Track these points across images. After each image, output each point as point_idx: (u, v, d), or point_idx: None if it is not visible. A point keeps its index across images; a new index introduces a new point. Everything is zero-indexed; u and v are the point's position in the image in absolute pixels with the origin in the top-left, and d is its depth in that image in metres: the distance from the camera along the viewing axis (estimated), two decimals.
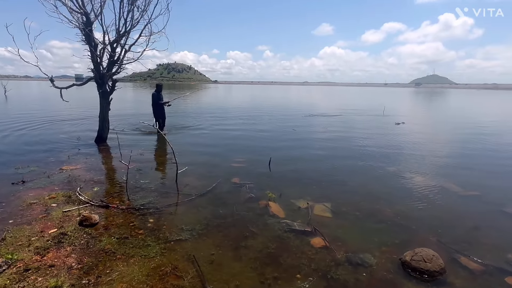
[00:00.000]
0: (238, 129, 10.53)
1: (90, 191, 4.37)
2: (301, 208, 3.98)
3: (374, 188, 4.84)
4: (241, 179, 5.06)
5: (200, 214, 3.72)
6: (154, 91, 9.32)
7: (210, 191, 4.51)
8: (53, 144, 7.42)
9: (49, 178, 4.89)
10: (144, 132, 9.31)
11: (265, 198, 4.28)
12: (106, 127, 7.79)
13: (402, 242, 3.20)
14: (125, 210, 3.72)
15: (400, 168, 5.91)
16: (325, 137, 9.21)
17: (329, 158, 6.71)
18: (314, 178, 5.26)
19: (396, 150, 7.56)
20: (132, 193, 4.30)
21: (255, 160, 6.45)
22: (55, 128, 9.79)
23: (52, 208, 3.73)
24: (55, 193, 4.23)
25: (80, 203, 3.91)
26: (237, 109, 19.21)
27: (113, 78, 7.66)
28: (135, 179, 4.91)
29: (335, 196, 4.45)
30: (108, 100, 7.60)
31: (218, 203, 4.08)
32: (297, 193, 4.54)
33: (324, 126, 11.62)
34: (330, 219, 3.75)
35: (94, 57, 7.21)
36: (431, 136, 9.85)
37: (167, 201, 4.11)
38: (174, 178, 4.92)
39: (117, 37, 7.37)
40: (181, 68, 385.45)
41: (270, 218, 3.68)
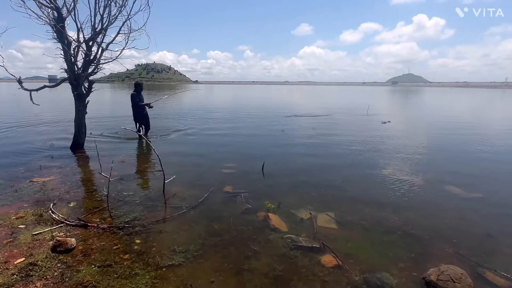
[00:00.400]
0: (223, 132, 10.11)
1: (65, 207, 3.85)
2: (304, 220, 3.65)
3: (375, 193, 4.60)
4: (234, 188, 4.68)
5: (194, 231, 3.32)
6: (133, 91, 8.45)
7: (202, 202, 4.10)
8: (22, 152, 6.74)
9: (17, 192, 4.32)
10: (125, 138, 8.70)
11: (263, 208, 3.93)
12: (83, 132, 7.17)
13: (418, 256, 2.93)
14: (107, 230, 3.26)
15: (397, 171, 5.72)
16: (316, 139, 8.97)
17: (323, 161, 6.44)
18: (311, 184, 4.96)
19: (389, 152, 7.41)
20: (115, 208, 3.83)
21: (246, 165, 6.08)
22: (24, 134, 9.00)
23: (20, 231, 3.21)
24: (24, 211, 3.70)
25: (54, 222, 3.41)
26: (220, 109, 18.75)
27: (90, 79, 7.07)
28: (117, 190, 4.43)
29: (337, 204, 4.17)
30: (84, 103, 7.00)
31: (212, 216, 3.69)
32: (296, 202, 4.21)
33: (312, 127, 11.39)
34: (336, 231, 3.44)
35: (67, 56, 6.60)
36: (420, 136, 9.83)
37: (155, 216, 3.67)
38: (161, 188, 4.48)
39: (92, 34, 6.80)
40: (160, 68, 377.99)
41: (271, 232, 3.33)
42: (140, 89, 8.57)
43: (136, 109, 8.30)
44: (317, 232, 3.33)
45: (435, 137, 9.55)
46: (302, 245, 3.04)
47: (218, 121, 12.98)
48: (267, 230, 3.39)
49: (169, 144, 7.95)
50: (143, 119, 8.45)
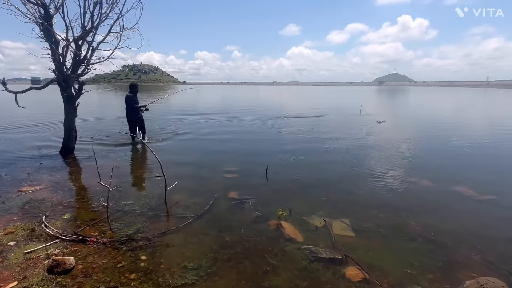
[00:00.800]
0: (219, 134, 9.83)
1: (59, 220, 3.53)
2: (319, 228, 3.45)
3: (386, 197, 4.44)
4: (240, 194, 4.44)
5: (203, 244, 3.06)
6: (129, 93, 8.01)
7: (208, 210, 3.85)
8: (7, 159, 6.32)
9: (4, 204, 3.97)
10: (116, 141, 8.33)
11: (274, 216, 3.71)
12: (73, 136, 6.79)
13: (446, 266, 2.77)
14: (108, 245, 2.97)
15: (403, 172, 5.59)
16: (315, 140, 8.80)
17: (326, 164, 6.27)
18: (318, 188, 4.76)
19: (391, 153, 7.30)
20: (114, 219, 3.54)
21: (247, 169, 5.84)
22: (9, 139, 8.51)
23: (10, 249, 2.89)
24: (13, 225, 3.36)
25: (48, 238, 3.10)
26: (212, 111, 18.43)
27: (80, 80, 6.70)
28: (115, 199, 4.12)
29: (349, 209, 3.98)
30: (74, 106, 6.62)
31: (221, 226, 3.44)
32: (306, 207, 4.01)
33: (310, 128, 11.24)
34: (354, 239, 3.25)
35: (55, 56, 6.22)
36: (418, 137, 9.79)
37: (159, 227, 3.40)
38: (162, 196, 4.21)
39: (82, 33, 6.43)
40: (147, 69, 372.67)
41: (287, 243, 3.11)
42: (136, 91, 8.15)
43: (132, 111, 7.92)
44: (335, 241, 3.13)
45: (434, 137, 9.52)
46: (323, 256, 2.83)
47: (211, 122, 12.69)
48: (282, 240, 3.16)
49: (164, 147, 7.63)
50: (139, 122, 8.06)
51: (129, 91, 8.05)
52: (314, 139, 8.88)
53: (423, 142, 8.77)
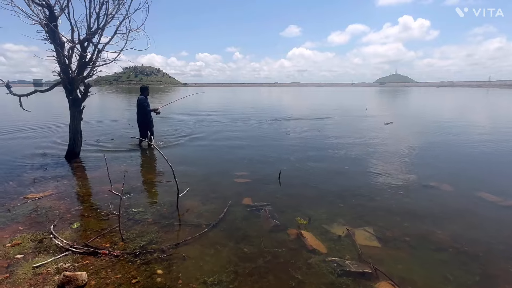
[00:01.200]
0: (225, 137, 9.64)
1: (67, 230, 3.37)
2: (342, 237, 3.27)
3: (407, 202, 4.25)
4: (254, 200, 4.27)
5: (221, 256, 2.89)
6: (141, 95, 7.72)
7: (223, 219, 3.67)
8: (12, 164, 6.16)
9: (10, 212, 3.81)
10: (122, 144, 8.18)
11: (293, 225, 3.53)
12: (79, 140, 6.63)
13: (484, 280, 2.58)
14: (120, 258, 2.80)
15: (420, 176, 5.40)
16: (325, 143, 8.61)
17: (340, 167, 6.08)
18: (335, 193, 4.58)
19: (405, 155, 7.11)
20: (125, 228, 3.37)
21: (259, 173, 5.67)
22: (14, 142, 8.37)
23: (17, 263, 2.72)
24: (20, 235, 3.20)
25: (57, 250, 2.93)
26: (215, 112, 18.25)
27: (85, 82, 6.55)
28: (125, 206, 3.95)
29: (371, 216, 3.79)
30: (80, 108, 6.47)
31: (238, 236, 3.27)
32: (325, 214, 3.83)
33: (317, 129, 11.06)
34: (380, 250, 3.07)
35: (61, 58, 6.07)
36: (430, 139, 9.58)
37: (173, 237, 3.22)
38: (174, 202, 4.05)
39: (88, 34, 6.28)
40: (149, 71, 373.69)
41: (310, 254, 2.92)
42: (147, 93, 7.93)
43: (147, 115, 7.67)
44: (362, 253, 2.94)
45: (447, 139, 9.30)
46: (351, 270, 2.65)
47: (215, 124, 12.51)
48: (305, 251, 2.98)
49: (171, 151, 7.46)
50: (150, 126, 7.76)
51: (140, 94, 7.79)
52: (323, 142, 8.69)
53: (436, 144, 8.56)
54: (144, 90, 7.86)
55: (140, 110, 7.65)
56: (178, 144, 8.27)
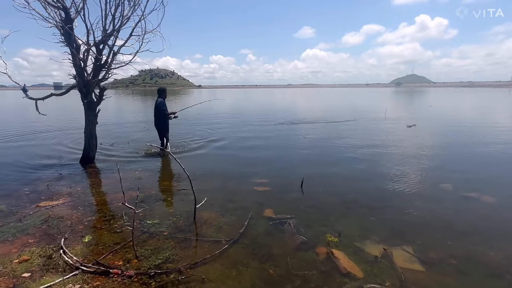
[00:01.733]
0: (241, 140, 9.35)
1: (79, 243, 3.14)
2: (378, 258, 2.90)
3: (447, 217, 3.83)
4: (276, 211, 3.95)
5: (245, 279, 2.58)
6: (160, 98, 7.30)
7: (244, 233, 3.37)
8: (27, 167, 6.08)
9: (21, 222, 3.63)
10: (136, 148, 8.02)
11: (321, 241, 3.19)
12: (94, 144, 6.50)
13: None
14: (134, 279, 2.54)
15: (457, 185, 4.95)
16: (346, 148, 8.19)
17: (365, 175, 5.68)
18: (364, 205, 4.20)
19: (435, 160, 6.63)
20: (139, 243, 3.11)
21: (278, 180, 5.35)
22: (30, 145, 8.36)
23: (24, 283, 2.50)
24: (29, 250, 2.99)
25: (66, 268, 2.69)
26: (229, 115, 18.00)
27: (101, 85, 6.42)
28: (139, 218, 3.71)
29: (408, 233, 3.41)
30: (95, 112, 6.33)
31: (262, 255, 2.95)
32: (356, 230, 3.47)
33: (337, 133, 10.64)
34: (425, 274, 2.69)
35: (76, 60, 5.95)
36: (459, 142, 9.02)
37: (190, 255, 2.94)
38: (190, 213, 3.79)
39: (103, 36, 6.14)
40: (164, 73, 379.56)
41: (345, 279, 2.58)
42: (165, 96, 7.50)
43: (164, 118, 7.28)
44: (405, 279, 2.57)
45: (473, 143, 8.73)
46: None
47: (230, 127, 12.25)
48: (338, 275, 2.64)
49: (185, 155, 7.23)
50: (166, 130, 7.41)
51: (158, 96, 7.38)
52: (343, 146, 8.27)
53: (465, 148, 8.01)
54: (161, 93, 7.43)
55: (158, 114, 7.26)
56: (193, 148, 8.03)
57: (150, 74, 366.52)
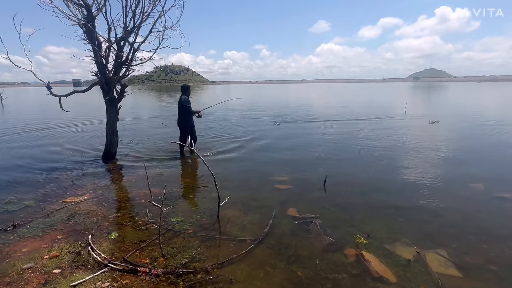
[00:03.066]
0: (257, 137, 9.29)
1: (105, 241, 3.17)
2: (411, 262, 2.78)
3: (481, 219, 3.66)
4: (300, 210, 3.87)
5: (273, 281, 2.52)
6: (183, 95, 6.95)
7: (269, 233, 3.31)
8: (52, 163, 6.23)
9: (49, 218, 3.70)
10: (157, 145, 8.09)
11: (349, 243, 3.10)
12: (115, 140, 6.58)
13: None
14: (161, 277, 2.53)
15: (488, 185, 4.72)
16: (366, 146, 7.99)
17: (390, 173, 5.51)
18: (391, 206, 4.05)
19: (462, 160, 6.38)
20: (165, 241, 3.11)
21: (300, 178, 5.27)
22: (54, 141, 8.59)
23: (55, 278, 2.53)
24: (58, 246, 3.04)
25: (95, 265, 2.71)
26: (243, 111, 17.95)
27: (122, 82, 6.47)
28: (163, 215, 3.69)
29: (441, 236, 3.26)
30: (116, 109, 6.40)
31: (289, 256, 2.89)
32: (385, 232, 3.35)
33: (357, 130, 10.41)
34: (462, 280, 2.55)
35: (98, 57, 6.01)
36: (486, 139, 8.66)
37: (216, 254, 2.91)
38: (213, 211, 3.78)
39: (124, 33, 6.18)
40: (178, 69, 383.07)
41: (377, 284, 2.48)
42: (189, 93, 7.14)
43: (188, 117, 6.90)
44: (442, 284, 2.45)
45: (502, 140, 8.34)
46: None
47: (245, 122, 12.19)
48: (369, 279, 2.54)
49: (203, 152, 7.23)
50: (192, 130, 7.04)
51: (181, 94, 7.03)
52: (364, 144, 8.06)
53: (493, 146, 7.66)
54: (185, 90, 7.08)
55: (182, 111, 6.88)
56: (213, 146, 8.03)
57: (165, 71, 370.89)
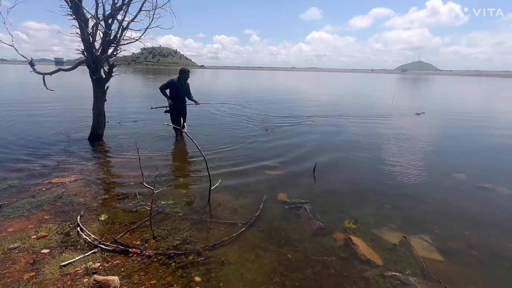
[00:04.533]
0: (244, 121, 9.26)
1: (95, 221, 3.13)
2: (397, 246, 2.88)
3: (463, 207, 3.80)
4: (290, 196, 3.92)
5: (264, 263, 2.57)
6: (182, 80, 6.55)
7: (259, 217, 3.35)
8: (36, 143, 6.04)
9: (35, 198, 3.61)
10: (144, 127, 7.96)
11: (338, 228, 3.17)
12: (102, 121, 6.42)
13: None
14: (153, 259, 2.53)
15: (471, 176, 4.89)
16: (356, 134, 8.11)
17: (378, 162, 5.61)
18: (378, 192, 4.16)
19: (446, 150, 6.57)
20: (155, 223, 3.09)
21: (290, 164, 5.31)
22: (37, 121, 8.30)
23: (44, 259, 2.49)
24: (46, 226, 2.98)
25: (84, 246, 2.69)
26: (230, 98, 17.80)
27: (110, 62, 6.27)
28: (153, 198, 3.67)
29: (426, 222, 3.38)
30: (103, 89, 6.22)
31: (279, 239, 2.93)
32: (372, 217, 3.44)
33: (346, 119, 10.52)
34: (444, 264, 2.67)
35: (85, 35, 5.77)
36: (469, 131, 8.93)
37: (208, 237, 2.93)
38: (204, 195, 3.78)
39: (112, 10, 5.94)
40: (166, 52, 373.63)
41: (365, 266, 2.57)
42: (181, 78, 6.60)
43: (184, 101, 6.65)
44: (426, 267, 2.56)
45: (484, 133, 8.63)
46: None
47: (234, 110, 12.11)
48: (357, 262, 2.62)
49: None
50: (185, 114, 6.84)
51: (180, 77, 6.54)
52: (352, 134, 8.16)
53: (476, 137, 7.93)
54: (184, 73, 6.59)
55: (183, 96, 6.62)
56: (197, 127, 7.96)
57: (152, 53, 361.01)
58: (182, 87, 6.59)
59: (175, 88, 6.48)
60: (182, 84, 6.60)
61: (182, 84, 6.60)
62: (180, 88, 6.56)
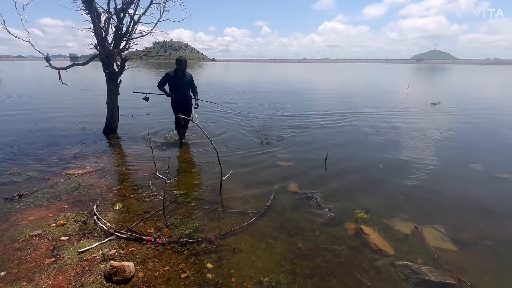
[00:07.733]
0: (254, 113, 9.26)
1: (110, 211, 3.23)
2: (409, 236, 2.86)
3: (478, 197, 3.72)
4: (301, 186, 3.93)
5: (275, 252, 2.60)
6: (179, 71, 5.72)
7: (270, 207, 3.37)
8: (54, 137, 6.23)
9: (53, 188, 3.74)
10: (157, 119, 8.07)
11: (349, 218, 3.17)
12: (116, 115, 6.55)
13: None
14: (166, 246, 2.60)
15: (487, 165, 4.78)
16: (366, 125, 8.00)
17: (391, 152, 5.53)
18: (391, 183, 4.12)
19: (462, 140, 6.41)
20: (168, 212, 3.16)
21: (302, 155, 5.31)
22: (54, 115, 8.53)
23: (63, 245, 2.60)
24: (64, 215, 3.09)
25: (101, 233, 2.78)
26: (242, 90, 17.78)
27: (122, 55, 6.36)
28: (166, 187, 3.75)
29: (438, 212, 3.34)
30: (117, 83, 6.33)
31: (290, 229, 2.96)
32: (384, 207, 3.42)
33: (357, 109, 10.37)
34: (458, 254, 2.64)
35: (97, 29, 5.86)
36: (486, 122, 8.66)
37: (219, 226, 2.98)
38: (215, 185, 3.84)
39: (124, 4, 6.00)
40: (177, 46, 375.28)
41: (376, 256, 2.56)
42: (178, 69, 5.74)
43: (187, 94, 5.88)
44: (438, 257, 2.53)
45: (502, 121, 8.36)
46: (430, 279, 2.26)
47: (244, 99, 12.10)
48: (368, 251, 2.62)
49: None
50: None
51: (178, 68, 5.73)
52: (367, 124, 8.06)
53: (492, 127, 7.68)
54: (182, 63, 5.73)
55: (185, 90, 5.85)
56: (208, 120, 8.01)
57: (164, 47, 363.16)
58: (179, 78, 5.73)
59: (171, 81, 5.72)
60: (179, 75, 5.74)
61: (179, 75, 5.74)
62: (178, 80, 5.72)
